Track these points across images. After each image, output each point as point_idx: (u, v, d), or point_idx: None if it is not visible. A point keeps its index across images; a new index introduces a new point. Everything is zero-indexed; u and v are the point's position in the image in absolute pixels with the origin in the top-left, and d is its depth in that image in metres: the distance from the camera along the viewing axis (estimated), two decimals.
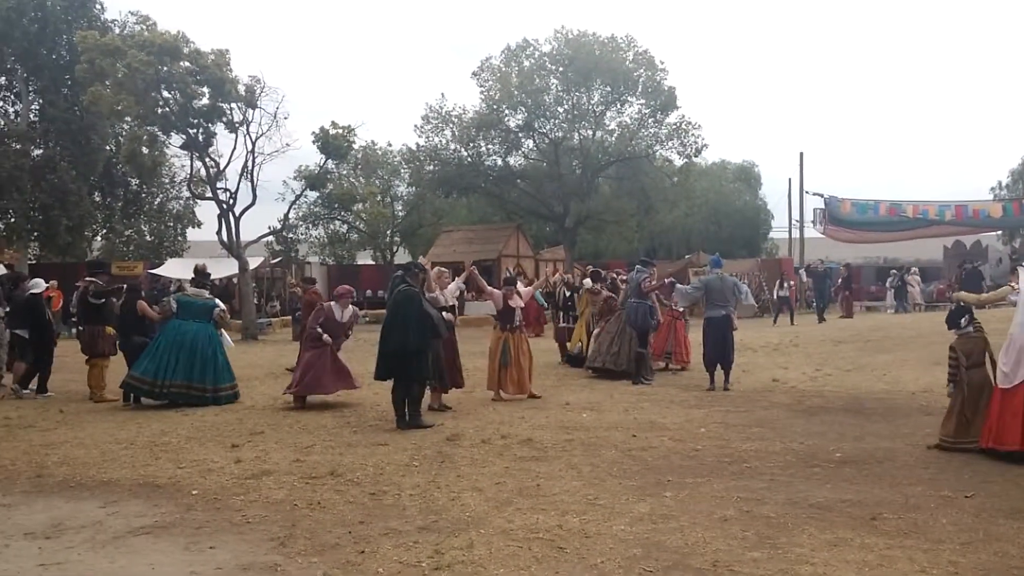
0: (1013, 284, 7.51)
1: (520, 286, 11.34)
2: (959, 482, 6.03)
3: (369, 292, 35.49)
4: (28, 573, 4.43)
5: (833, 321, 23.08)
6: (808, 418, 8.78)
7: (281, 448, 7.61)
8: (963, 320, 7.16)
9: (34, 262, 31.26)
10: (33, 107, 30.24)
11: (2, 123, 30.66)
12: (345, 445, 7.70)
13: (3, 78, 30.81)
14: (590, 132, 32.13)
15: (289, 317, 24.78)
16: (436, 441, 7.78)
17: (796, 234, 38.73)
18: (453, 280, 10.16)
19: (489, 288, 11.24)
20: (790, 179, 43.70)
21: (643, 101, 31.34)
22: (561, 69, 30.83)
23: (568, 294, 14.66)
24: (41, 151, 29.49)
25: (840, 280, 26.21)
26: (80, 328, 11.67)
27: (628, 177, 32.14)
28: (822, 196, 31.92)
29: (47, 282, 13.32)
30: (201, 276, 11.05)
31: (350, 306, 10.99)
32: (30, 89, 29.87)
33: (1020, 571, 4.32)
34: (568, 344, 14.16)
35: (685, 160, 32.67)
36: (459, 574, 4.34)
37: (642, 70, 30.89)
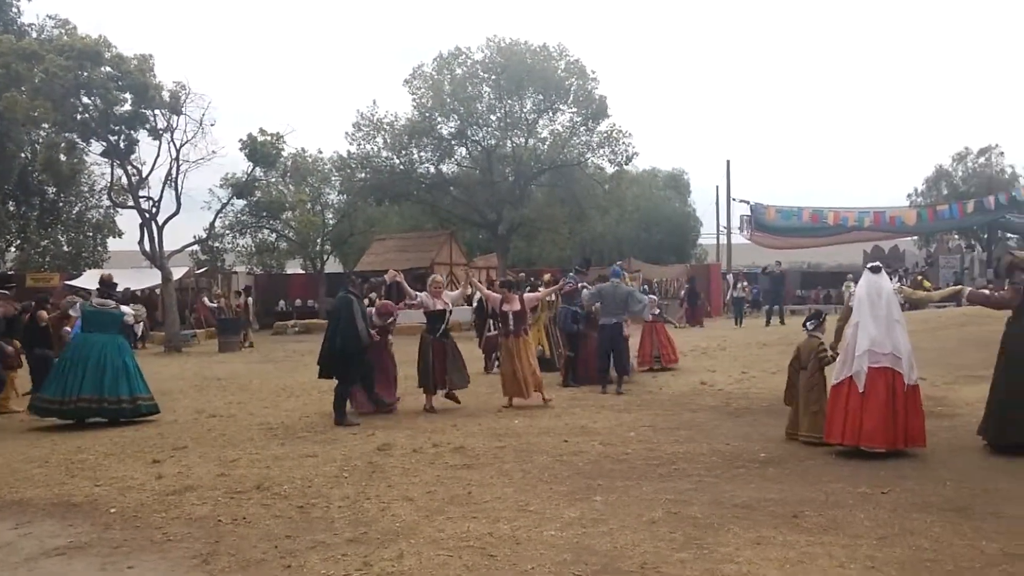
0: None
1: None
2: (876, 479, 6.23)
3: (299, 302, 34.91)
4: None
5: (755, 325, 23.71)
6: (734, 420, 8.98)
7: (205, 462, 7.40)
8: (811, 323, 7.93)
9: None
10: None
11: None
12: (272, 458, 7.53)
13: None
14: (523, 140, 32.27)
15: (214, 328, 24.17)
16: (366, 451, 7.68)
17: (724, 240, 39.64)
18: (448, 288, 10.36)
19: (487, 291, 11.85)
20: (717, 186, 44.85)
21: (575, 109, 31.62)
22: (493, 77, 30.88)
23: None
24: None
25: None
26: None
27: (560, 184, 32.38)
28: (748, 203, 32.81)
29: None
30: (106, 286, 10.50)
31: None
32: None
33: (932, 563, 4.48)
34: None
35: (616, 168, 33.06)
36: None
37: (574, 79, 31.19)
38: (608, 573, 4.39)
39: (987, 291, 8.47)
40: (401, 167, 31.70)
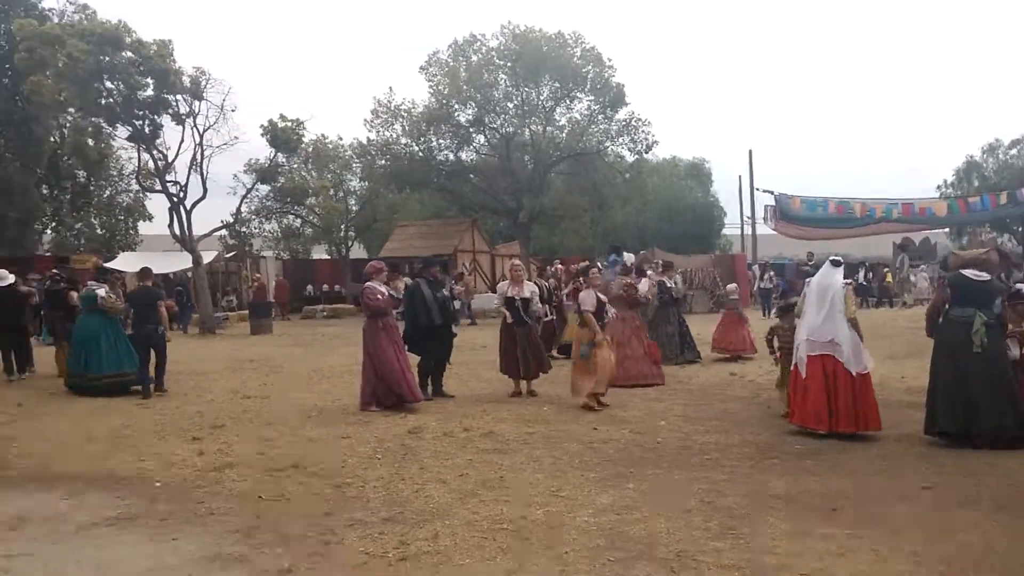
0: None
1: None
2: (916, 473, 6.16)
3: (325, 287, 35.20)
4: None
5: None
6: (766, 411, 8.95)
7: (243, 441, 7.58)
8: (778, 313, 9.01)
9: None
10: None
11: None
12: (307, 438, 7.69)
13: None
14: (540, 128, 32.09)
15: (246, 311, 24.55)
16: (399, 434, 7.81)
17: (748, 230, 39.41)
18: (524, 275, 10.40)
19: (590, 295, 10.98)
20: (740, 176, 44.51)
21: (592, 97, 31.39)
22: (509, 64, 30.70)
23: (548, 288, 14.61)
24: None
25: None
26: (43, 313, 14.21)
27: (580, 173, 32.25)
28: (772, 193, 32.52)
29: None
30: (101, 272, 11.99)
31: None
32: None
33: (979, 560, 4.39)
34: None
35: (636, 156, 32.88)
36: (426, 564, 4.38)
37: (590, 66, 30.95)
38: (644, 560, 4.43)
39: None
40: (420, 154, 31.65)
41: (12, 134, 28.83)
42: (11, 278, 12.75)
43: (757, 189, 37.44)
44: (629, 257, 12.40)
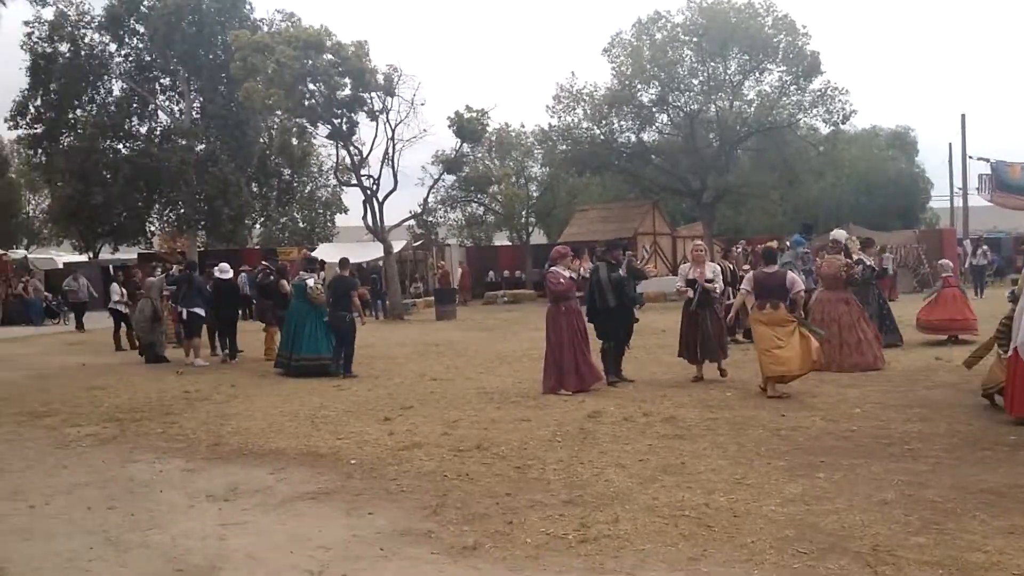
0: None
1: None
2: None
3: (506, 272, 36.07)
4: (212, 532, 4.84)
5: (998, 296, 21.43)
6: (975, 398, 8.15)
7: (429, 422, 7.91)
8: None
9: (202, 249, 33.72)
10: (195, 105, 32.51)
11: (169, 121, 33.18)
12: (489, 420, 7.90)
13: (168, 79, 33.29)
14: (727, 103, 31.06)
15: (432, 298, 25.67)
16: (578, 418, 7.84)
17: (959, 203, 36.11)
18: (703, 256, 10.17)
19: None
20: (951, 144, 40.89)
21: (784, 68, 29.94)
22: (695, 39, 29.88)
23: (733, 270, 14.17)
24: (203, 146, 31.68)
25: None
26: (255, 302, 15.82)
27: (769, 148, 30.90)
28: (988, 161, 29.66)
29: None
30: (309, 263, 12.86)
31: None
32: (191, 88, 32.10)
33: None
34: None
35: (832, 128, 31.05)
36: (606, 548, 4.37)
37: (782, 35, 29.49)
38: (836, 553, 4.20)
39: None
40: (601, 137, 31.61)
41: (227, 138, 31.72)
42: (231, 272, 14.13)
43: (970, 157, 34.43)
44: (840, 234, 11.64)
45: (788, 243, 13.21)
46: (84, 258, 37.79)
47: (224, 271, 13.91)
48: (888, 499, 5.05)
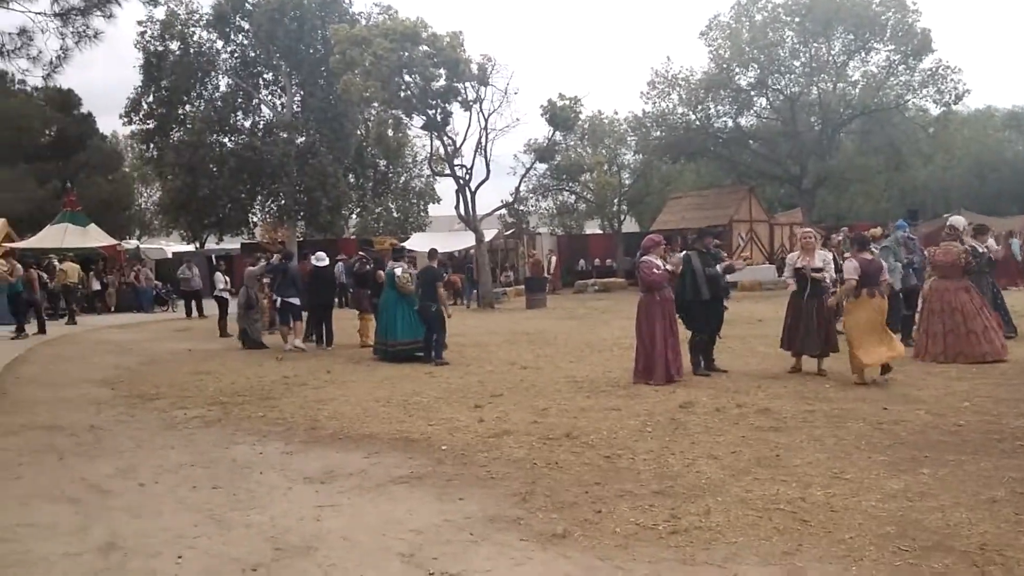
0: None
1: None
2: None
3: (597, 261, 35.85)
4: (308, 513, 5.00)
5: None
6: None
7: (519, 410, 7.95)
8: None
9: (301, 239, 34.84)
10: (296, 99, 33.52)
11: (271, 115, 34.35)
12: (579, 409, 7.89)
13: (270, 74, 34.44)
14: (830, 85, 30.00)
15: (523, 287, 25.79)
16: (669, 408, 7.75)
17: None
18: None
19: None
20: None
21: (892, 47, 28.70)
22: (797, 20, 28.96)
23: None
24: (303, 139, 32.65)
25: None
26: (352, 291, 16.00)
27: (874, 131, 29.69)
28: None
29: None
30: (397, 252, 13.20)
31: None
32: (292, 83, 33.11)
33: None
34: None
35: (943, 109, 29.57)
36: (697, 539, 4.31)
37: (891, 12, 28.24)
38: (941, 551, 4.03)
39: None
40: (697, 123, 31.08)
41: (326, 130, 32.60)
42: (327, 260, 14.55)
43: None
44: (958, 220, 11.12)
45: (895, 228, 12.68)
46: (191, 248, 39.60)
47: (320, 259, 14.31)
48: (997, 497, 4.81)
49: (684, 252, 10.32)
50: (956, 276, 10.26)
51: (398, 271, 12.14)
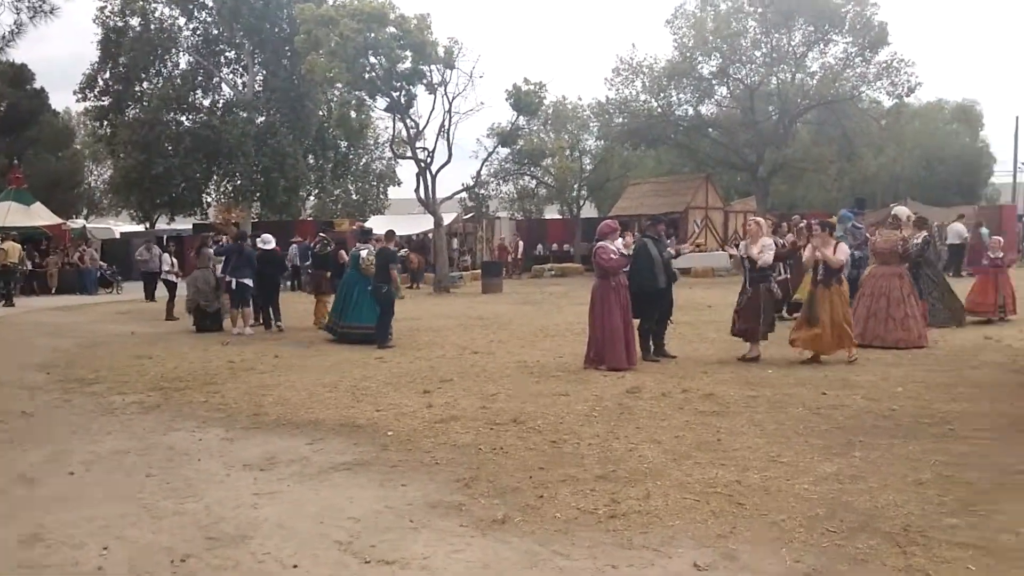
0: None
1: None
2: None
3: (555, 246, 35.97)
4: (245, 501, 4.95)
5: None
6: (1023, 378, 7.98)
7: (468, 395, 7.97)
8: None
9: (256, 220, 34.36)
10: (258, 78, 32.94)
11: (232, 94, 33.73)
12: (528, 394, 7.93)
13: (233, 52, 33.78)
14: (789, 75, 30.38)
15: (479, 271, 25.77)
16: (616, 393, 7.84)
17: (1022, 178, 34.76)
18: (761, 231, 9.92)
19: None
20: (1017, 117, 39.20)
21: (849, 39, 29.13)
22: (760, 10, 29.22)
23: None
24: (263, 118, 32.11)
25: None
26: (309, 272, 16.32)
27: (829, 121, 30.14)
28: None
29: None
30: (363, 234, 13.21)
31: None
32: (255, 61, 32.51)
33: None
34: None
35: (895, 101, 30.14)
36: (634, 523, 4.39)
37: (850, 6, 28.65)
38: (866, 532, 4.16)
39: None
40: (658, 110, 31.27)
41: (287, 110, 32.10)
42: (273, 242, 14.46)
43: None
44: (902, 211, 11.43)
45: (840, 217, 12.96)
46: (141, 228, 38.78)
47: (267, 242, 14.21)
48: (924, 479, 4.97)
49: (639, 238, 10.40)
50: (894, 262, 10.55)
51: (363, 253, 12.06)
